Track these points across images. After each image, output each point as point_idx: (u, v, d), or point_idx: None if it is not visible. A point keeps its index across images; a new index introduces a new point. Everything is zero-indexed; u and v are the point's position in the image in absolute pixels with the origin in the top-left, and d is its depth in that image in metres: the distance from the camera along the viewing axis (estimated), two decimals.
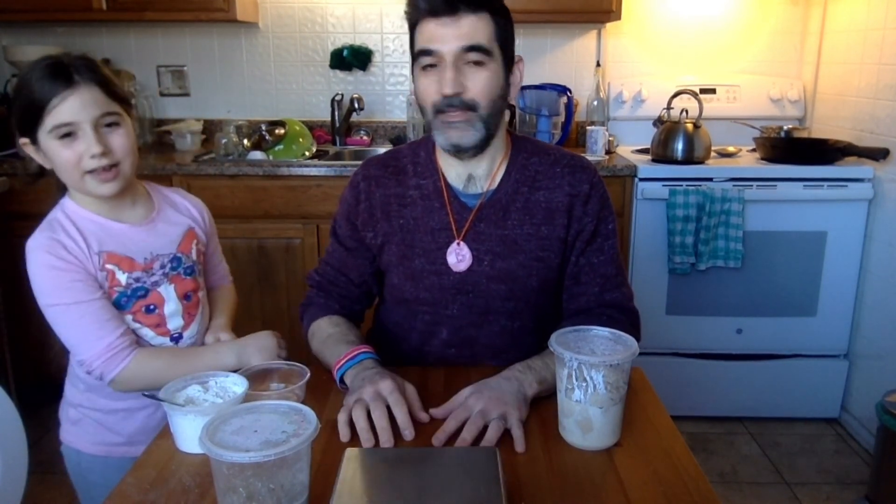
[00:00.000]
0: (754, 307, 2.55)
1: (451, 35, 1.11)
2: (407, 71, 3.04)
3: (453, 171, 1.26)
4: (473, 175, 1.25)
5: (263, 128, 2.76)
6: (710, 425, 2.63)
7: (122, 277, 1.20)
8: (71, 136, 1.13)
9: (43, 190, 2.79)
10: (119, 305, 1.21)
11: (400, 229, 1.27)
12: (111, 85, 1.16)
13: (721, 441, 2.54)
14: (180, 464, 0.95)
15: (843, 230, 2.49)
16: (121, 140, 1.16)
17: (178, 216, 1.32)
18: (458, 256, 1.25)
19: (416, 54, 1.16)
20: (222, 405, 0.97)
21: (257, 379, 1.13)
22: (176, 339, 1.27)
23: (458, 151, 1.20)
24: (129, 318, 1.22)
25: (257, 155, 2.67)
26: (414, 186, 1.28)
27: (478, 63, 1.14)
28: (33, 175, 1.23)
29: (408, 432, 1.00)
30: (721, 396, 2.64)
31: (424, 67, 1.16)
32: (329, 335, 1.25)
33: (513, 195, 1.25)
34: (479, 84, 1.14)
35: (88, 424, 1.28)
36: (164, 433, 1.02)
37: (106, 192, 1.17)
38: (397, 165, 1.31)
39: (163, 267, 1.25)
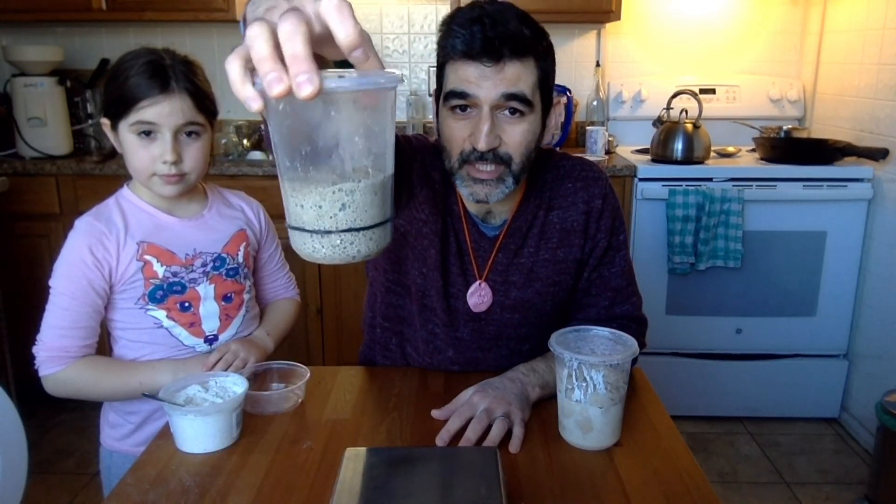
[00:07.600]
0: (754, 307, 2.55)
1: (491, 81, 1.00)
2: (407, 71, 3.04)
3: (473, 204, 1.17)
4: (493, 211, 1.18)
5: (263, 128, 2.75)
6: (710, 425, 2.63)
7: (160, 270, 1.20)
8: (150, 135, 1.15)
9: (42, 190, 2.77)
10: (154, 299, 1.20)
11: (420, 234, 1.18)
12: (203, 97, 1.19)
13: (721, 441, 2.53)
14: (180, 464, 0.95)
15: (843, 230, 2.49)
16: (195, 152, 1.18)
17: (230, 216, 1.30)
18: (480, 297, 1.19)
19: (447, 94, 1.03)
20: (222, 405, 0.97)
21: (257, 379, 1.13)
22: (210, 340, 1.25)
23: (481, 202, 1.10)
24: (163, 314, 1.21)
25: (257, 155, 2.68)
26: (441, 196, 1.18)
27: (516, 112, 1.02)
28: (106, 155, 1.29)
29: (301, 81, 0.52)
30: (721, 396, 2.64)
31: (454, 108, 1.04)
32: None
33: (531, 220, 1.19)
34: (516, 137, 1.03)
35: (125, 427, 1.28)
36: (165, 433, 1.02)
37: (168, 193, 1.20)
38: (433, 166, 1.19)
39: (204, 265, 1.24)
